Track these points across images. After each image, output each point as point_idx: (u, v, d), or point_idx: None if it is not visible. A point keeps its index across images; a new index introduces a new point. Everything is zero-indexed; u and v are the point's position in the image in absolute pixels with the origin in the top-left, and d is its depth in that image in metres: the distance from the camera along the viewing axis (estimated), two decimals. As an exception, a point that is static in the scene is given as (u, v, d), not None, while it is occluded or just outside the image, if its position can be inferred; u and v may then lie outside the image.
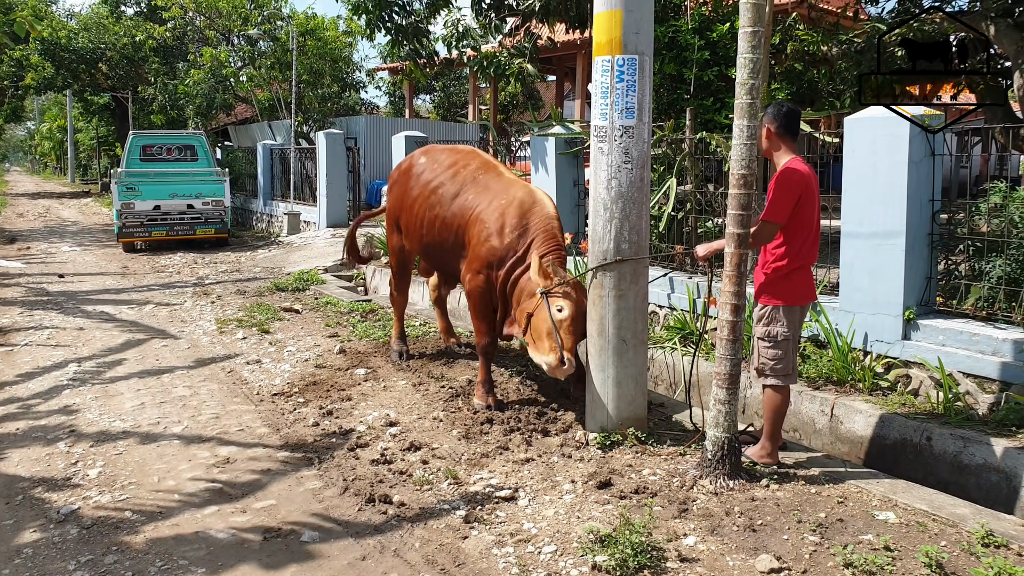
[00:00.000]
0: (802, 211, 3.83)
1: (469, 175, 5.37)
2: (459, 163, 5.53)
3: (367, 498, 3.79)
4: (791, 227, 3.85)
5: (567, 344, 4.34)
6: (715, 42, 8.21)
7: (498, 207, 5.02)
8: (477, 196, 5.20)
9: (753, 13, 3.56)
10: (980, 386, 4.60)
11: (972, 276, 5.08)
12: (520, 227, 4.90)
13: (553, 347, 4.34)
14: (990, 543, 3.20)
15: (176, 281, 10.74)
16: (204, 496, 3.90)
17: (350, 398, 5.34)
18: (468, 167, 5.46)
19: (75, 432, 4.82)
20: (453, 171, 5.47)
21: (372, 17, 9.73)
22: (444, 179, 5.46)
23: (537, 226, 4.89)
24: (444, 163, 5.60)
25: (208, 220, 14.37)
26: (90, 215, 22.45)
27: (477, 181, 5.30)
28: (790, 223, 3.84)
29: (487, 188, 5.21)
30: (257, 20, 20.91)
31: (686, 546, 3.25)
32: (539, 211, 4.97)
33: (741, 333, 3.81)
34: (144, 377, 6.00)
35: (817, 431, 4.93)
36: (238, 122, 25.77)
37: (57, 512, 3.73)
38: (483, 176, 5.33)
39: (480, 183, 5.28)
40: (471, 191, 5.27)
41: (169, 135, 15.96)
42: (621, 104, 4.16)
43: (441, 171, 5.54)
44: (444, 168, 5.55)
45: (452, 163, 5.56)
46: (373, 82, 29.47)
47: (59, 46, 25.20)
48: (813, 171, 3.99)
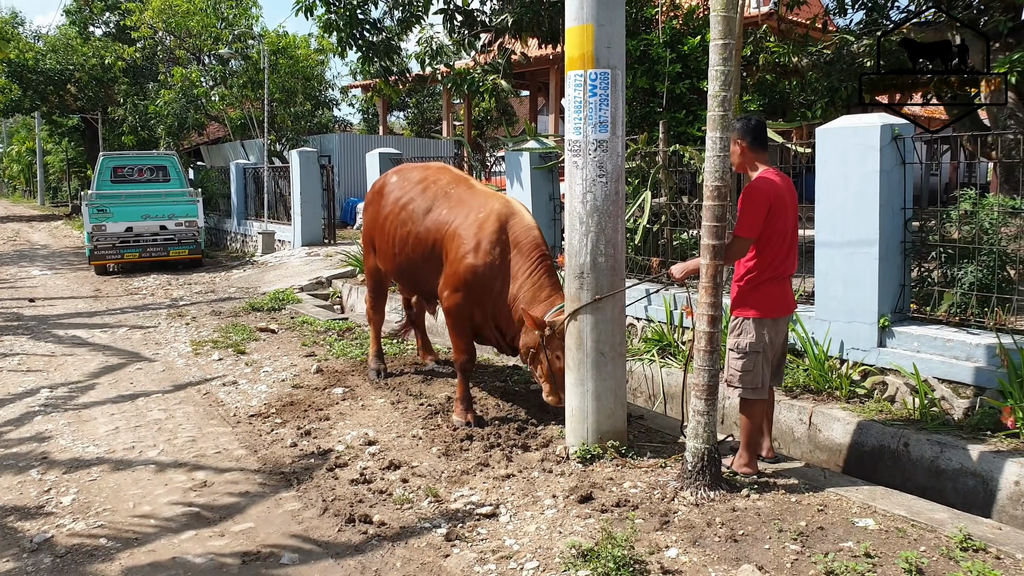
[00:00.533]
0: (774, 222, 3.82)
1: (440, 190, 5.36)
2: (429, 179, 5.53)
3: (347, 518, 3.74)
4: (762, 239, 3.85)
5: (563, 385, 4.56)
6: (686, 55, 8.32)
7: (475, 221, 4.98)
8: (451, 210, 5.17)
9: (723, 26, 3.60)
10: (955, 391, 4.66)
11: (945, 283, 5.16)
12: (501, 241, 4.87)
13: (551, 390, 4.67)
14: (968, 547, 3.23)
15: (150, 303, 10.59)
16: (181, 520, 3.83)
17: (328, 418, 5.28)
18: (439, 182, 5.45)
19: (48, 459, 4.71)
20: (423, 187, 5.46)
21: (343, 35, 9.72)
22: (414, 195, 5.45)
23: (518, 238, 4.87)
24: (413, 179, 5.61)
25: (181, 241, 14.21)
26: (61, 238, 22.10)
27: (449, 195, 5.28)
28: (761, 235, 3.84)
29: (461, 202, 5.18)
30: (228, 39, 20.83)
31: (668, 558, 3.24)
32: (518, 223, 4.95)
33: (718, 344, 3.83)
34: (118, 401, 5.89)
35: (796, 440, 4.96)
36: (210, 142, 25.59)
37: (30, 541, 3.64)
38: (455, 190, 5.31)
39: (453, 197, 5.25)
40: (444, 206, 5.24)
41: (140, 156, 15.80)
42: (595, 118, 4.18)
43: (410, 187, 5.54)
44: (413, 184, 5.55)
45: (422, 179, 5.56)
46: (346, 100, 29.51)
47: (26, 68, 24.86)
48: (788, 181, 4.01)
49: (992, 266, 4.82)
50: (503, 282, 4.85)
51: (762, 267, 3.90)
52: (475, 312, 5.02)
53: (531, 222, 5.01)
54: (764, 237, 3.85)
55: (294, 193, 14.81)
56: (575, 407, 4.38)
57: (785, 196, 3.89)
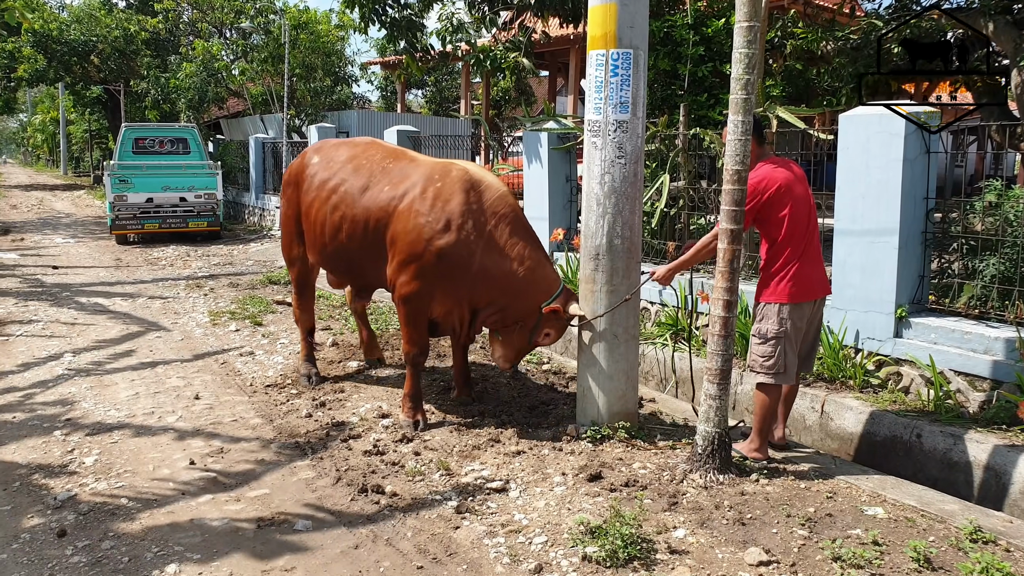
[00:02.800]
0: (776, 209, 3.84)
1: (376, 165, 4.79)
2: (359, 155, 4.94)
3: (360, 488, 3.80)
4: (772, 225, 3.87)
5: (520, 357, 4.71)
6: (710, 38, 8.22)
7: (434, 194, 4.40)
8: (395, 186, 4.60)
9: (749, 8, 3.57)
10: (971, 384, 4.63)
11: (965, 275, 5.11)
12: (473, 213, 4.35)
13: (515, 359, 4.68)
14: (978, 539, 3.23)
15: (169, 274, 10.71)
16: (198, 484, 3.91)
17: (343, 390, 5.34)
18: (372, 158, 4.87)
19: (71, 421, 4.82)
20: (354, 165, 4.86)
21: (366, 11, 9.69)
22: (345, 175, 4.84)
23: (496, 208, 4.38)
24: (341, 158, 4.98)
25: (200, 213, 14.32)
26: (83, 207, 22.33)
27: (388, 170, 4.72)
28: (769, 222, 3.87)
29: (405, 175, 4.62)
30: (250, 13, 20.81)
31: (676, 538, 3.27)
32: (489, 191, 4.44)
33: (732, 329, 3.83)
34: (138, 368, 5.99)
35: (807, 427, 4.96)
36: (230, 115, 25.67)
37: (54, 498, 3.74)
38: (394, 164, 4.74)
39: (394, 171, 4.69)
40: (384, 182, 4.66)
41: (161, 128, 15.88)
42: (615, 99, 4.17)
43: (339, 167, 4.92)
44: (342, 163, 4.93)
45: (351, 156, 4.96)
46: (365, 76, 29.40)
47: (51, 38, 24.99)
48: (792, 167, 4.00)
49: (1015, 259, 4.77)
50: (482, 258, 4.35)
51: (779, 253, 3.90)
52: (439, 299, 4.51)
53: (503, 188, 4.52)
54: (773, 224, 3.87)
55: (313, 168, 14.81)
56: (586, 388, 4.40)
57: (790, 183, 3.88)
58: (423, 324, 4.61)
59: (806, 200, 3.97)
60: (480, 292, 4.47)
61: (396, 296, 4.59)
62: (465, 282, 4.42)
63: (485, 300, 4.51)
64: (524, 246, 4.43)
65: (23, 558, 3.22)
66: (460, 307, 4.57)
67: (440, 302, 4.53)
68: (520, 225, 4.49)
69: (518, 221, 4.49)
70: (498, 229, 4.40)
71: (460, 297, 4.51)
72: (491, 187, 4.50)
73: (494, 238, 4.39)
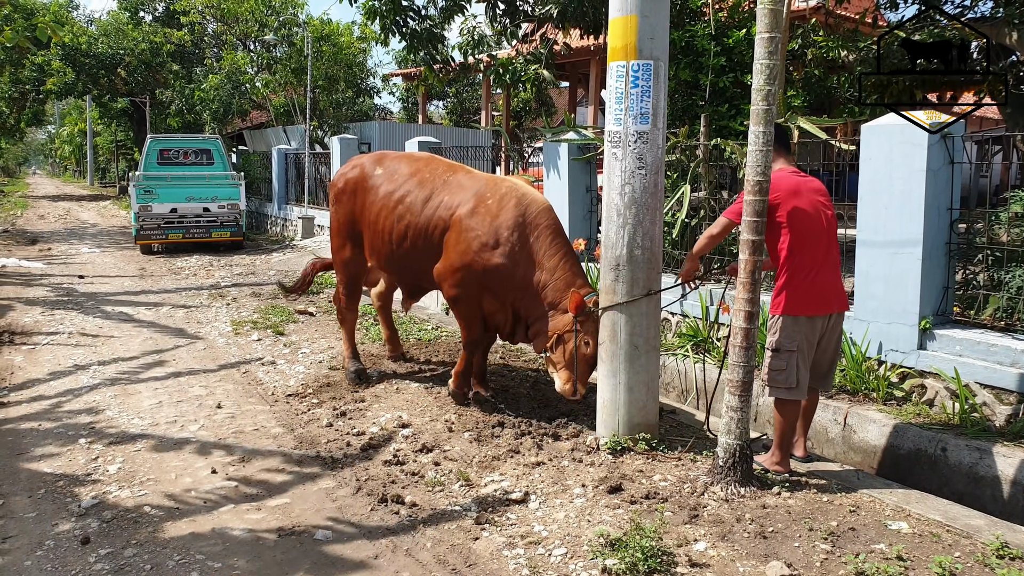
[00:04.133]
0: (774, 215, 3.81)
1: (438, 178, 5.18)
2: (422, 170, 5.33)
3: (380, 498, 3.82)
4: (790, 235, 3.83)
5: (584, 376, 4.61)
6: (731, 48, 8.21)
7: (486, 209, 4.81)
8: (452, 197, 5.00)
9: (770, 19, 3.57)
10: (997, 397, 4.56)
11: (991, 286, 5.05)
12: (519, 226, 4.71)
13: (571, 377, 4.60)
14: (1005, 555, 3.17)
15: (192, 283, 10.85)
16: (220, 493, 3.95)
17: (363, 400, 5.37)
18: (435, 172, 5.27)
19: (95, 429, 4.89)
20: (418, 179, 5.25)
21: (387, 22, 9.79)
22: (410, 187, 5.23)
23: (538, 221, 4.73)
24: (405, 172, 5.37)
25: (223, 223, 14.50)
26: (108, 217, 22.70)
27: (448, 183, 5.11)
28: (787, 231, 3.82)
29: (462, 187, 5.02)
30: (274, 26, 21.11)
31: (696, 551, 3.25)
32: (533, 205, 4.78)
33: (754, 340, 3.81)
34: (162, 377, 6.07)
35: (830, 440, 4.91)
36: (253, 127, 26.00)
37: (78, 506, 3.80)
38: (453, 177, 5.15)
39: (452, 184, 5.09)
40: (444, 193, 5.06)
41: (186, 139, 16.12)
42: (636, 110, 4.17)
43: (404, 180, 5.30)
44: (407, 176, 5.32)
45: (415, 171, 5.34)
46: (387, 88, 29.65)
47: (79, 51, 25.55)
48: (808, 178, 4.01)
49: (1041, 270, 4.70)
50: (525, 269, 4.71)
51: (795, 265, 3.87)
52: (486, 300, 4.92)
53: (546, 202, 4.88)
54: (791, 233, 3.83)
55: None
56: (607, 399, 4.39)
57: (802, 190, 3.88)
58: (476, 319, 5.05)
59: (816, 212, 3.89)
60: (522, 299, 4.82)
61: (447, 297, 5.08)
62: (510, 288, 4.81)
63: (527, 308, 4.84)
64: (559, 257, 4.71)
65: (47, 565, 3.27)
66: (502, 310, 4.98)
67: (489, 304, 4.98)
68: (559, 238, 4.78)
69: (557, 234, 4.79)
70: (538, 241, 4.74)
71: (504, 301, 4.92)
72: (536, 202, 4.85)
73: (531, 249, 4.73)
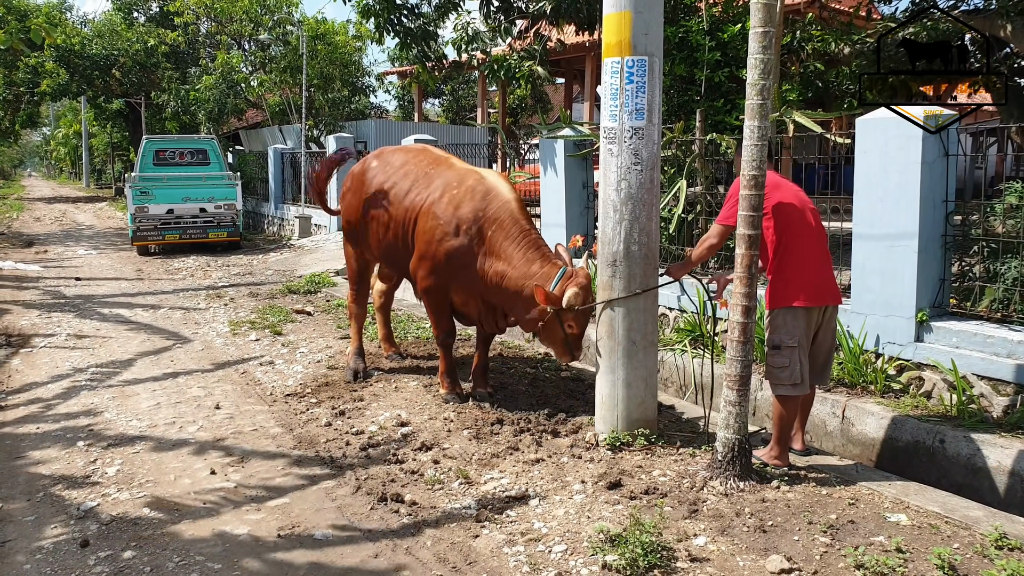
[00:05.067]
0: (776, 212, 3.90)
1: (420, 171, 5.29)
2: (410, 162, 5.45)
3: (379, 497, 3.82)
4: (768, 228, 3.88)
5: (577, 349, 4.78)
6: (726, 43, 8.21)
7: (449, 200, 4.91)
8: (424, 189, 5.12)
9: (764, 13, 3.57)
10: (995, 388, 4.58)
11: (987, 278, 5.05)
12: (477, 219, 4.78)
13: (566, 351, 4.76)
14: (1003, 545, 3.18)
15: (189, 284, 10.84)
16: (219, 494, 3.94)
17: (362, 399, 5.37)
18: (420, 163, 5.38)
19: (93, 431, 4.88)
20: (404, 170, 5.38)
21: (381, 20, 9.78)
22: (396, 179, 5.37)
23: (497, 214, 4.78)
24: (395, 164, 5.50)
25: (220, 224, 14.48)
26: (105, 219, 22.66)
27: (428, 175, 5.22)
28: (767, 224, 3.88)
29: (436, 178, 5.14)
30: (268, 25, 21.06)
31: (696, 546, 3.26)
32: (495, 198, 4.83)
33: (752, 335, 3.81)
34: (159, 378, 6.06)
35: (828, 433, 4.92)
36: (249, 126, 25.96)
37: (77, 508, 3.79)
38: (434, 170, 5.24)
39: (430, 176, 5.20)
40: (420, 185, 5.19)
41: (182, 140, 16.10)
42: (631, 105, 4.17)
43: (393, 172, 5.44)
44: (396, 168, 5.45)
45: (403, 163, 5.47)
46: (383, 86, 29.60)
47: (73, 53, 25.47)
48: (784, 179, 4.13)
49: (1037, 261, 4.71)
50: (485, 259, 4.77)
51: (786, 256, 3.90)
52: (454, 291, 5.03)
53: (508, 195, 4.88)
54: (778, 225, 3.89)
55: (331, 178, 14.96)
56: (605, 395, 4.40)
57: (782, 184, 3.98)
58: (444, 310, 5.15)
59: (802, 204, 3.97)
60: (489, 289, 4.86)
61: (419, 288, 5.20)
62: (472, 279, 4.87)
63: (497, 297, 4.89)
64: (517, 246, 4.73)
65: (46, 568, 3.27)
66: (472, 301, 5.05)
67: (458, 295, 5.05)
68: (515, 228, 4.78)
69: (514, 224, 4.79)
70: (495, 233, 4.78)
71: (470, 291, 4.99)
72: (497, 195, 4.88)
73: (493, 241, 4.78)
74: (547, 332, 4.71)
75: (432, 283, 5.01)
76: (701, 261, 4.38)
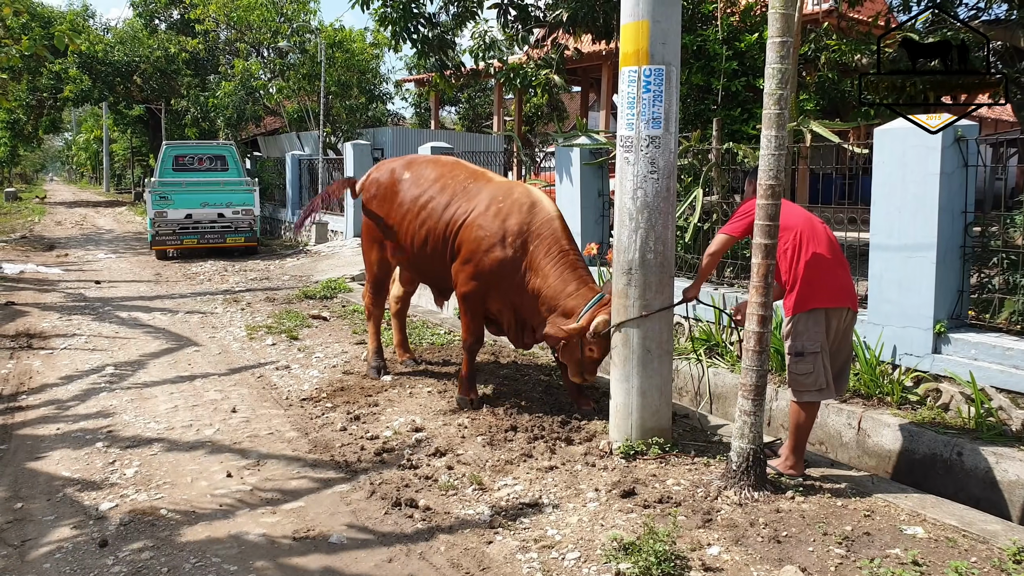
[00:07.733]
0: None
1: (459, 185, 5.34)
2: (445, 175, 5.48)
3: (393, 502, 3.84)
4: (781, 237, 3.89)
5: (591, 373, 4.89)
6: (743, 52, 8.21)
7: (496, 212, 5.00)
8: (469, 201, 5.19)
9: (781, 23, 3.57)
10: (1014, 401, 4.53)
11: (1006, 290, 5.01)
12: (522, 232, 4.90)
13: (578, 372, 4.87)
14: (1022, 560, 3.15)
15: (207, 288, 10.93)
16: (235, 497, 3.98)
17: (377, 404, 5.40)
18: (456, 178, 5.42)
19: (112, 433, 4.94)
20: (441, 184, 5.42)
21: (398, 29, 9.85)
22: (433, 192, 5.40)
23: (540, 229, 4.90)
24: (430, 177, 5.52)
25: (238, 229, 14.61)
26: (124, 223, 22.91)
27: (468, 190, 5.28)
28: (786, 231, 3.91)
29: (478, 193, 5.21)
30: (287, 33, 21.27)
31: (710, 556, 3.25)
32: (540, 213, 4.95)
33: (767, 344, 3.80)
34: (177, 381, 6.12)
35: (844, 444, 4.89)
36: (267, 133, 26.19)
37: (96, 509, 3.83)
38: (473, 184, 5.32)
39: (471, 190, 5.27)
40: (462, 198, 5.24)
41: (200, 145, 16.26)
42: (648, 114, 4.18)
43: (428, 185, 5.47)
44: (431, 182, 5.48)
45: (438, 176, 5.50)
46: (400, 93, 29.84)
47: (96, 59, 25.85)
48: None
49: (1057, 274, 4.67)
50: (525, 273, 4.90)
51: (801, 261, 3.90)
52: (491, 300, 5.11)
53: (552, 212, 4.99)
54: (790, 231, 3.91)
55: (347, 185, 15.06)
56: (620, 403, 4.39)
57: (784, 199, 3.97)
58: (478, 317, 5.23)
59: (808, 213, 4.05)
60: (524, 302, 4.98)
61: (457, 293, 5.24)
62: (511, 290, 4.98)
63: (528, 311, 5.00)
64: (554, 265, 4.82)
65: (65, 567, 3.31)
66: (505, 312, 5.15)
67: (494, 305, 5.16)
68: (555, 247, 4.87)
69: (556, 242, 4.88)
70: (536, 248, 4.87)
71: (505, 302, 5.09)
72: (542, 211, 4.98)
73: (534, 256, 4.87)
74: (567, 352, 4.82)
75: (471, 288, 5.08)
76: (709, 272, 4.41)
